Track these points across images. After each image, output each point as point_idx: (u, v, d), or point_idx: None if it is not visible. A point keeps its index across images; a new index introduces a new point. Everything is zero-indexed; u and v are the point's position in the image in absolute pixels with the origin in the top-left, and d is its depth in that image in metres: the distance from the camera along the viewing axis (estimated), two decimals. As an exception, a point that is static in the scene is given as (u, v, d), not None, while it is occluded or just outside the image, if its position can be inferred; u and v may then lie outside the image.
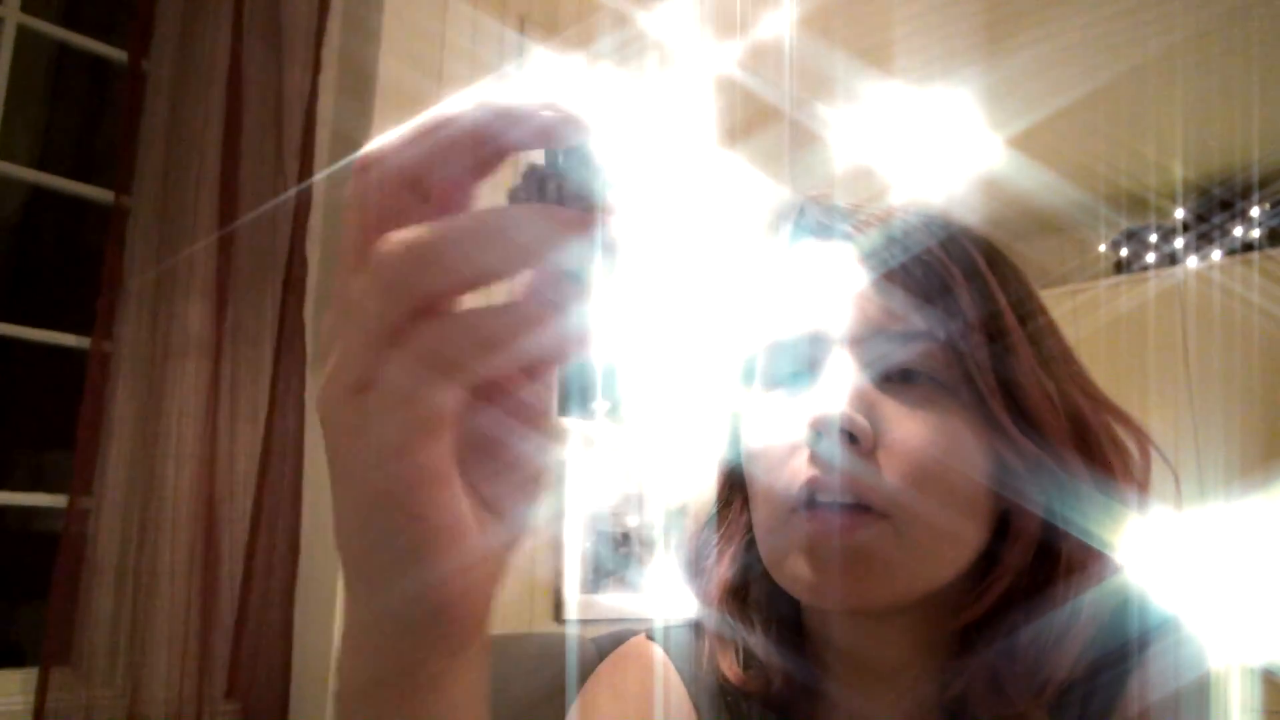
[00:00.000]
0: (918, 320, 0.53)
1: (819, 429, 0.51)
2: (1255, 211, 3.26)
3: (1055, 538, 0.53)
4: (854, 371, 0.53)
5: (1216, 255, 3.26)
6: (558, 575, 2.19)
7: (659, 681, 0.62)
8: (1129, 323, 3.20)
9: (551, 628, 2.16)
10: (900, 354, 0.53)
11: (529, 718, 1.55)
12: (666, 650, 0.64)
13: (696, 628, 0.64)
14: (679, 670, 0.63)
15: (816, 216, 0.60)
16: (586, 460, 2.28)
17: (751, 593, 0.61)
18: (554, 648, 1.71)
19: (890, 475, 0.51)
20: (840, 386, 0.52)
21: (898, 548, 0.51)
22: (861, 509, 0.51)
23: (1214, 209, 3.34)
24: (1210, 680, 0.54)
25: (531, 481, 0.30)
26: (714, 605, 0.61)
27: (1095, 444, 0.55)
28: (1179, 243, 3.39)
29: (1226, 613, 2.74)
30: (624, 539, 2.32)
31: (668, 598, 0.67)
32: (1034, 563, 0.54)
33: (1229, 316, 3.01)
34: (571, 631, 2.16)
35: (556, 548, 2.20)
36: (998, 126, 3.10)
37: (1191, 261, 3.28)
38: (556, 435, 0.30)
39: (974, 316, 0.53)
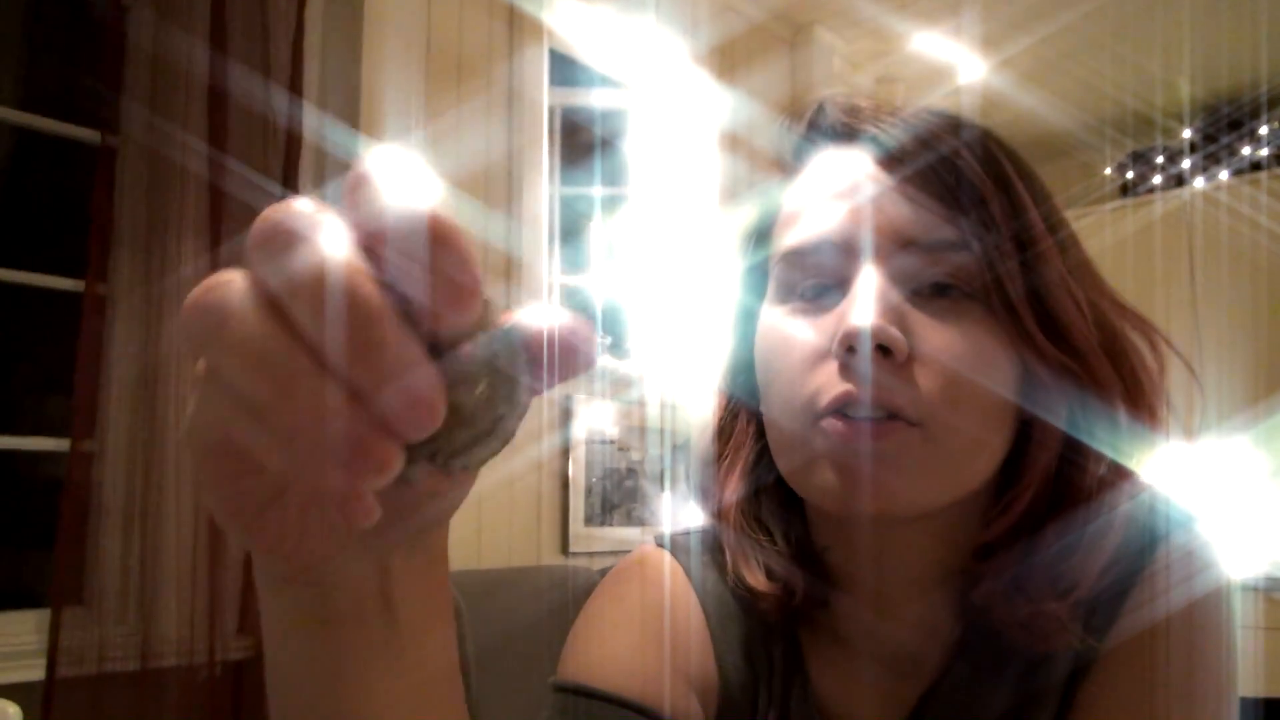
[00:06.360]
0: (950, 232, 0.51)
1: (852, 343, 0.49)
2: (1264, 130, 3.20)
3: (1077, 450, 0.53)
4: (884, 283, 0.51)
5: (1224, 176, 3.21)
6: (564, 509, 2.20)
7: (667, 587, 0.61)
8: (1135, 246, 3.16)
9: (559, 561, 2.18)
10: (933, 267, 0.51)
11: (534, 647, 1.56)
12: (676, 557, 0.63)
13: (709, 539, 0.63)
14: (689, 577, 0.62)
15: (837, 116, 0.57)
16: (591, 395, 2.27)
17: (762, 506, 0.60)
18: (561, 580, 1.72)
19: (925, 388, 0.49)
20: (871, 299, 0.50)
21: (928, 453, 0.49)
22: (894, 419, 0.49)
23: (1222, 128, 3.28)
24: (1224, 580, 0.54)
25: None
26: (726, 520, 0.60)
27: (1121, 351, 0.54)
28: (1186, 164, 3.33)
29: (1232, 531, 2.76)
30: (629, 472, 2.33)
31: (673, 529, 0.66)
32: (1056, 475, 0.53)
33: (1236, 238, 2.98)
34: (578, 564, 2.18)
35: (563, 482, 2.21)
36: (1001, 46, 3.03)
37: (1198, 182, 3.22)
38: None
39: (1006, 227, 0.51)
